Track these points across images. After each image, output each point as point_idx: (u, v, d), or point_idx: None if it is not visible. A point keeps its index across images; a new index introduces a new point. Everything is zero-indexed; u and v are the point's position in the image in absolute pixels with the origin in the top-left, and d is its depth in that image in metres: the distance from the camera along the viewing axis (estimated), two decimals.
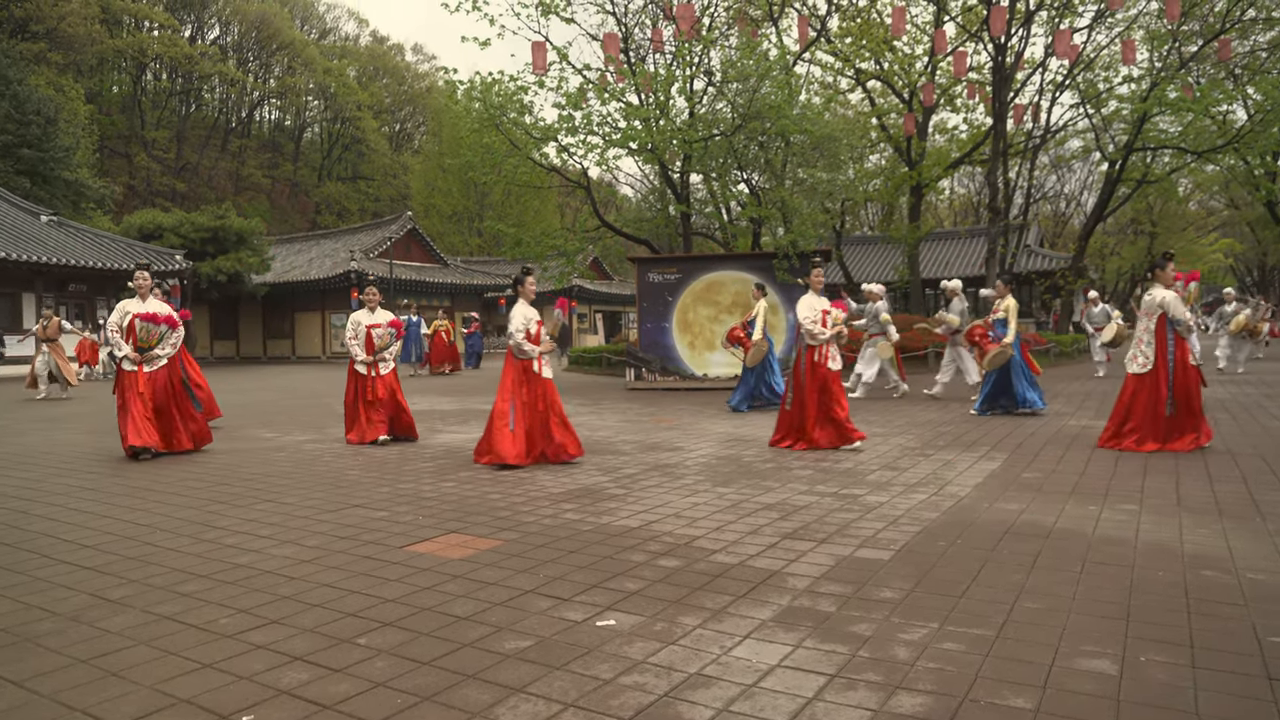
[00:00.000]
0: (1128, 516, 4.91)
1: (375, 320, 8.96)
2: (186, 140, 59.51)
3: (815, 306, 7.88)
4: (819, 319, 7.82)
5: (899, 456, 7.29)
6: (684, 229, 20.20)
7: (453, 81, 18.30)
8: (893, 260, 34.54)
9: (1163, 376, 7.22)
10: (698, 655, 2.97)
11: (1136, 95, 23.53)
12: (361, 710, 2.58)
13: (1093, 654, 2.91)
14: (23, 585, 3.92)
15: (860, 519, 4.98)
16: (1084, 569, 3.90)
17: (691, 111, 17.76)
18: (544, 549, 4.42)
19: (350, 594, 3.72)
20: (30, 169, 31.60)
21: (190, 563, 4.26)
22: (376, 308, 9.09)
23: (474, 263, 44.02)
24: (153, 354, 7.97)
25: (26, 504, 5.83)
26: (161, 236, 30.08)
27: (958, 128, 27.17)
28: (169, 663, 2.97)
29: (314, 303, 35.59)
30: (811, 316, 7.82)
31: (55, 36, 46.15)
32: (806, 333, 7.82)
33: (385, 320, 9.01)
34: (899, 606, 3.44)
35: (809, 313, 7.84)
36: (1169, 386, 7.18)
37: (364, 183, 66.34)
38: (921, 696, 2.61)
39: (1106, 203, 26.78)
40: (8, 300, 24.35)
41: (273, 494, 6.07)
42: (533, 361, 7.22)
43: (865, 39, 22.67)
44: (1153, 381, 7.27)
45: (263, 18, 60.55)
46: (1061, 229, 48.02)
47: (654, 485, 6.17)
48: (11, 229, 24.78)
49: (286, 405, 13.74)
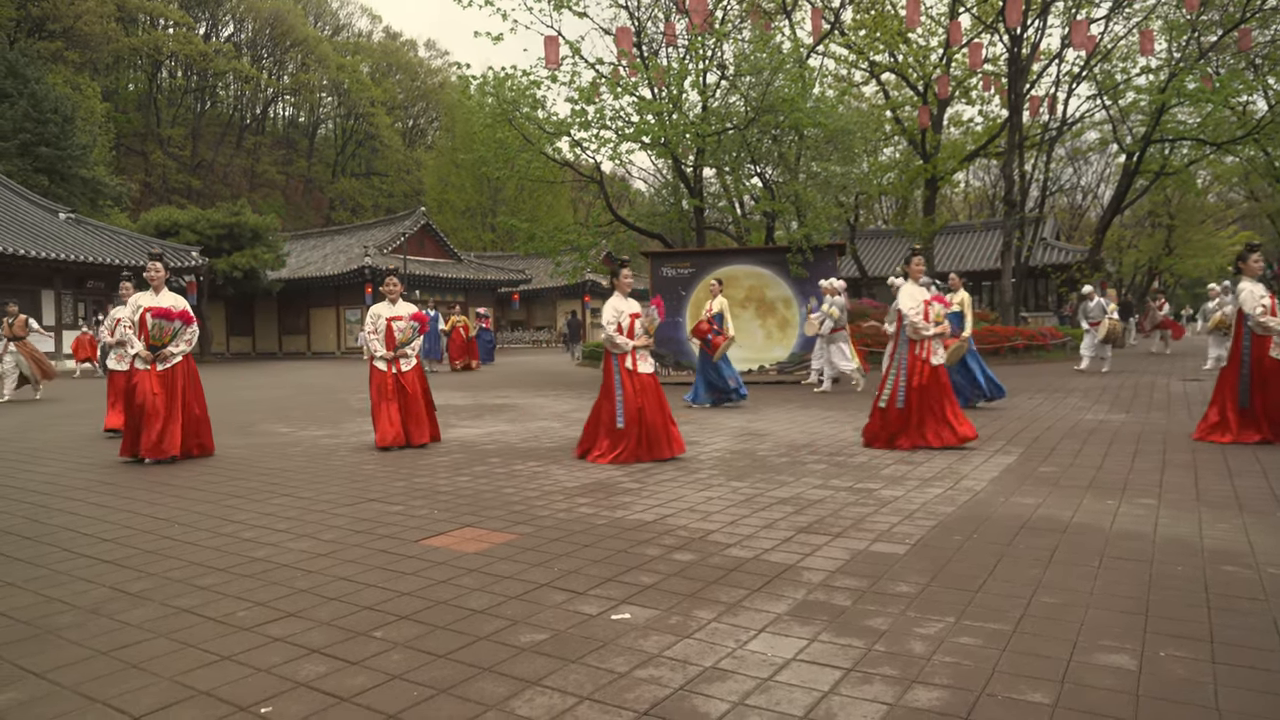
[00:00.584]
0: (1146, 511, 4.87)
1: (396, 313, 8.24)
2: (202, 137, 59.91)
3: (917, 298, 7.43)
4: (922, 310, 7.37)
5: (913, 450, 7.25)
6: (697, 223, 20.16)
7: (466, 77, 18.32)
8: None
9: (1236, 369, 7.18)
10: (713, 649, 2.97)
11: (1155, 86, 23.29)
12: (379, 703, 2.60)
13: (1111, 649, 2.89)
14: (44, 578, 3.97)
15: (875, 513, 4.97)
16: (1102, 564, 3.87)
17: (705, 105, 17.71)
18: (558, 543, 4.43)
19: (366, 587, 3.74)
20: (48, 167, 31.90)
21: (208, 556, 4.30)
22: (398, 299, 8.40)
23: (487, 258, 44.12)
24: (165, 351, 7.49)
25: (46, 498, 5.90)
26: (178, 233, 30.29)
27: (973, 120, 26.94)
28: (188, 655, 3.00)
29: (328, 298, 35.78)
30: (915, 309, 7.37)
31: (72, 35, 46.53)
32: (909, 326, 7.35)
33: (407, 313, 8.30)
34: (915, 601, 3.42)
35: (912, 304, 7.39)
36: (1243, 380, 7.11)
37: (378, 179, 66.60)
38: (938, 691, 2.60)
39: (1124, 195, 26.54)
40: (27, 297, 24.58)
41: (289, 488, 6.11)
42: (626, 356, 7.00)
43: (879, 31, 22.52)
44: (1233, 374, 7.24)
45: (276, 14, 60.83)
46: (1078, 222, 47.61)
47: (668, 479, 6.17)
48: (30, 226, 25.03)
49: (302, 400, 13.82)
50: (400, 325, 8.19)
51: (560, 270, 19.35)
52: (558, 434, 8.89)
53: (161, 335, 7.51)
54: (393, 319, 8.20)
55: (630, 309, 7.12)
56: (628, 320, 7.06)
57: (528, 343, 43.08)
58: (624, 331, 7.03)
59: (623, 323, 7.05)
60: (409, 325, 8.24)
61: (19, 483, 6.53)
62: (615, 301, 7.12)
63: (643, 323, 7.12)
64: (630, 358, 7.00)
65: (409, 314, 8.32)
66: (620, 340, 6.98)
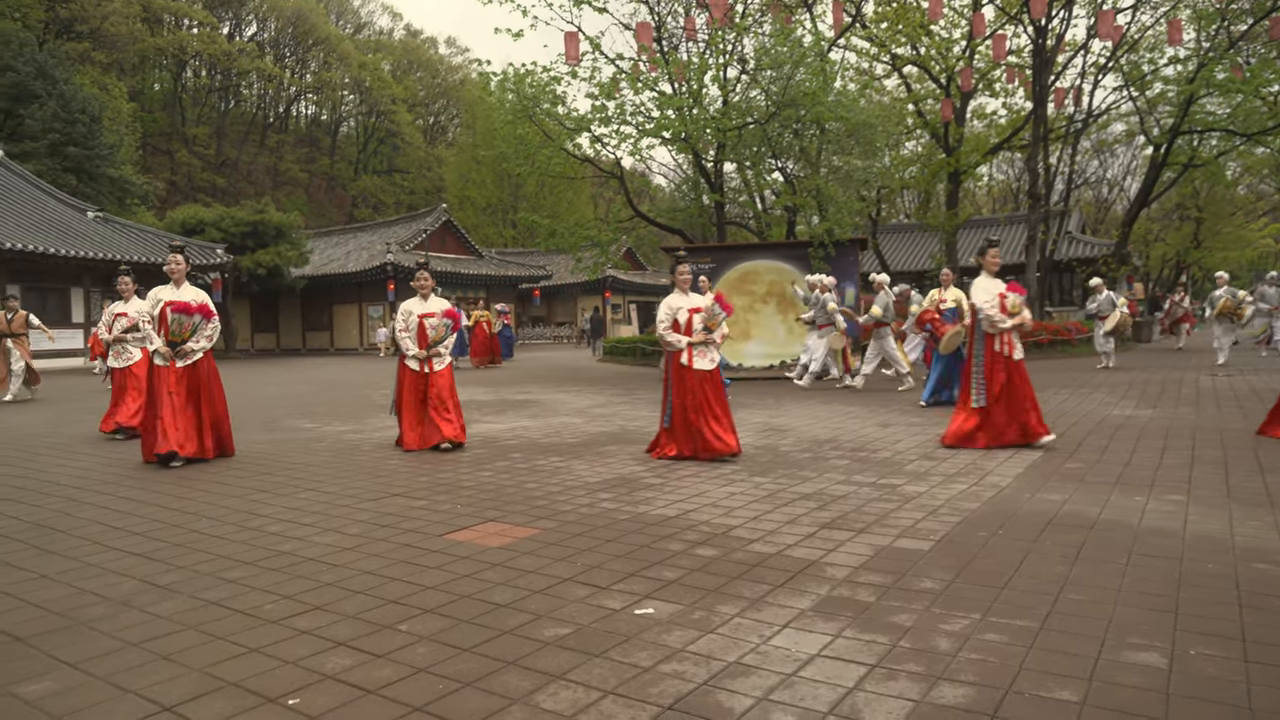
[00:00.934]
0: (1175, 507, 4.81)
1: (428, 309, 7.85)
2: (226, 136, 60.53)
3: (991, 290, 7.16)
4: (997, 303, 7.10)
5: (937, 446, 7.20)
6: (718, 218, 20.11)
7: (486, 73, 18.38)
8: (929, 248, 34.10)
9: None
10: (736, 644, 2.97)
11: (1183, 77, 22.95)
12: (404, 695, 2.62)
13: (1140, 647, 2.86)
14: (76, 571, 4.03)
15: (899, 509, 4.94)
16: (1130, 561, 3.83)
17: (725, 100, 17.65)
18: (581, 538, 4.44)
19: (391, 581, 3.77)
20: (77, 166, 32.34)
21: (235, 550, 4.35)
22: (430, 295, 7.96)
23: (508, 254, 44.26)
24: (185, 348, 7.17)
25: (78, 492, 5.99)
26: (203, 231, 30.63)
27: (996, 113, 26.75)
28: (217, 647, 3.03)
29: (351, 295, 36.05)
30: (990, 301, 7.10)
31: (99, 36, 47.13)
32: (985, 319, 7.09)
33: (440, 309, 7.88)
34: (940, 597, 3.40)
35: (986, 297, 7.11)
36: None
37: (399, 176, 66.99)
38: (964, 688, 2.58)
39: (1151, 188, 26.19)
40: (57, 295, 24.98)
41: (314, 483, 6.17)
42: (680, 353, 6.85)
43: (901, 23, 22.33)
44: None
45: (299, 13, 61.31)
46: (1104, 215, 47.03)
47: (690, 475, 6.17)
48: (60, 225, 25.40)
49: (326, 396, 13.94)
50: (433, 322, 7.78)
51: (581, 266, 19.38)
52: (579, 429, 8.91)
53: (181, 330, 7.19)
54: (425, 315, 7.80)
55: (688, 304, 6.93)
56: (685, 316, 6.88)
57: (549, 338, 43.18)
58: (679, 328, 6.87)
59: (679, 319, 6.88)
60: (441, 322, 7.82)
61: (51, 477, 6.64)
62: (671, 298, 6.97)
63: (702, 317, 6.89)
64: (686, 354, 6.83)
65: (441, 310, 7.90)
66: (672, 338, 6.83)
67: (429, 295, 7.95)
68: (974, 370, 7.16)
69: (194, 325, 7.24)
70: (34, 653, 3.01)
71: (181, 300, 7.24)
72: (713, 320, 6.92)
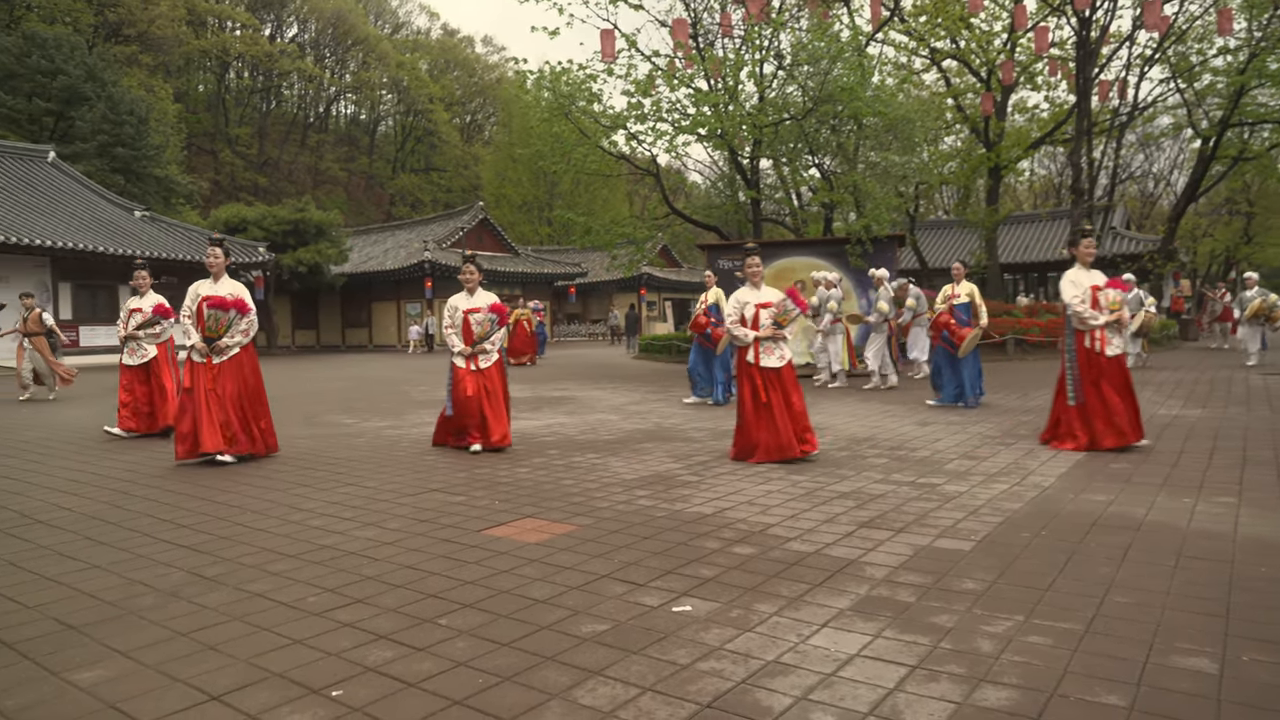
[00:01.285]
0: (1225, 509, 4.69)
1: (474, 304, 7.49)
2: (267, 136, 61.55)
3: (1081, 284, 6.74)
4: (1087, 299, 6.66)
5: (978, 445, 7.10)
6: (754, 215, 20.01)
7: (522, 72, 18.47)
8: (969, 245, 33.63)
9: None
10: (775, 643, 2.96)
11: (1233, 67, 22.35)
12: (445, 688, 2.65)
13: (1189, 651, 2.80)
14: (127, 562, 4.13)
15: (939, 508, 4.88)
16: (1178, 563, 3.74)
17: (761, 96, 17.56)
18: (618, 534, 4.45)
19: (431, 575, 3.81)
20: (124, 167, 33.11)
21: (278, 543, 4.42)
22: (476, 289, 7.60)
23: (544, 252, 44.48)
24: (221, 344, 6.97)
25: (128, 485, 6.14)
26: (245, 230, 31.19)
27: (1038, 106, 26.21)
28: (262, 638, 3.09)
29: (389, 292, 36.50)
30: (1079, 296, 6.68)
31: (146, 39, 48.19)
32: (1074, 315, 6.69)
33: (485, 304, 7.51)
34: (981, 598, 3.36)
35: (1075, 292, 6.71)
36: None
37: (436, 174, 67.61)
38: (1007, 690, 2.54)
39: (1199, 182, 25.55)
40: (106, 292, 25.62)
41: (354, 478, 6.25)
42: (748, 349, 6.64)
43: (941, 17, 22.01)
44: None
45: (339, 14, 62.13)
46: (1150, 210, 46.03)
47: (726, 472, 6.15)
48: (108, 224, 26.03)
49: (365, 392, 14.13)
50: (478, 318, 7.42)
51: (616, 264, 19.42)
52: (615, 426, 8.93)
53: (217, 326, 6.95)
54: (470, 311, 7.46)
55: (757, 299, 6.65)
56: (752, 311, 6.62)
57: (584, 336, 43.31)
58: (746, 323, 6.62)
59: (746, 314, 6.62)
60: (487, 318, 7.43)
61: (102, 470, 6.81)
62: (740, 292, 6.73)
63: (771, 313, 6.61)
64: (753, 351, 6.60)
65: (487, 305, 7.52)
66: (740, 333, 6.59)
67: (475, 290, 7.61)
68: (1068, 367, 6.84)
69: (229, 320, 7.00)
70: (87, 641, 3.10)
71: (219, 294, 7.05)
72: (784, 316, 6.66)
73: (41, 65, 33.20)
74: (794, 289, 7.00)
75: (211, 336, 6.98)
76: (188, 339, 7.04)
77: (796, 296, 6.76)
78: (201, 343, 6.97)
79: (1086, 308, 6.66)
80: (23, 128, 33.11)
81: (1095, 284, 6.75)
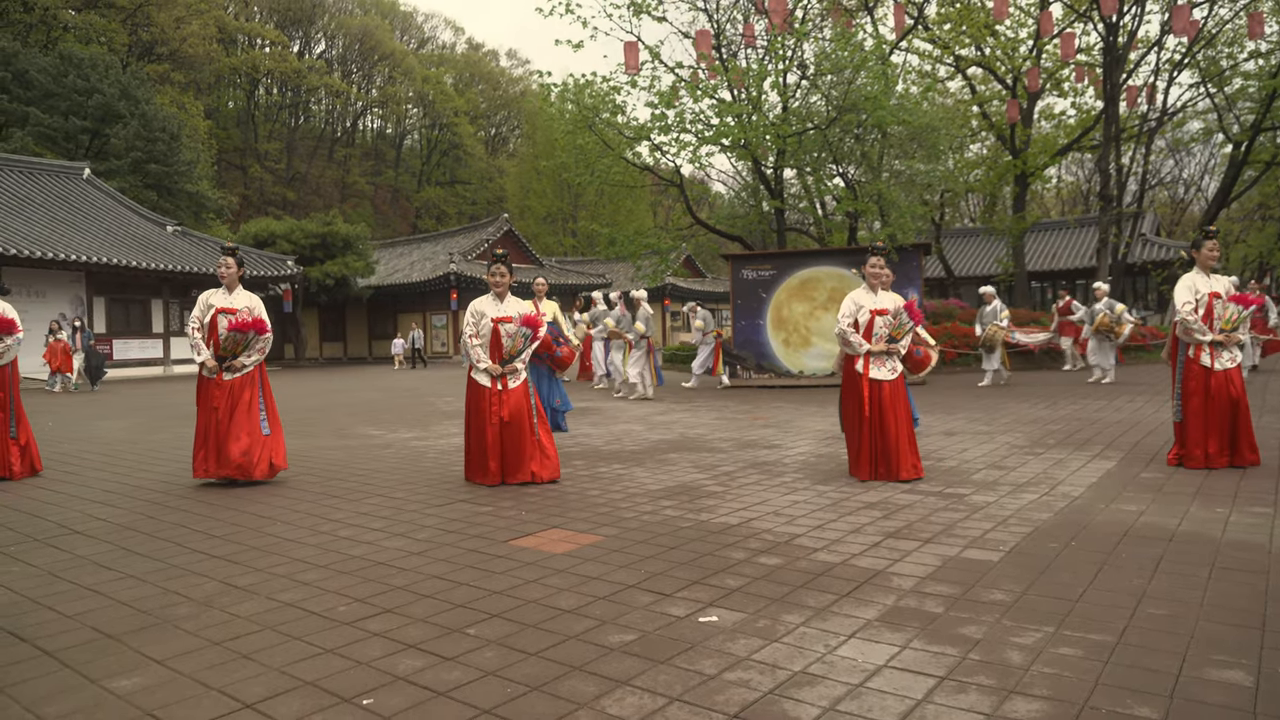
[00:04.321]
0: (1260, 520, 4.62)
1: (504, 313, 6.32)
2: (296, 151, 62.44)
3: (1198, 289, 6.08)
4: (1202, 307, 6.02)
5: (1006, 455, 7.04)
6: (778, 225, 20.00)
7: (546, 84, 18.62)
8: (996, 253, 33.37)
9: None
10: (802, 653, 2.95)
11: (1265, 71, 22.05)
12: (473, 698, 2.67)
13: (1224, 664, 2.76)
14: (162, 571, 4.20)
15: (966, 519, 4.84)
16: (1212, 574, 3.69)
17: (785, 105, 17.57)
18: (644, 545, 4.46)
19: (459, 586, 3.84)
20: (157, 183, 33.77)
21: (308, 553, 4.48)
22: (506, 294, 6.44)
23: (568, 263, 44.69)
24: (236, 363, 6.47)
25: (162, 496, 6.24)
26: (274, 243, 31.66)
27: (1065, 113, 25.95)
28: (293, 647, 3.13)
29: (415, 304, 36.82)
30: (1191, 303, 6.03)
31: (178, 58, 49.16)
32: (1180, 323, 6.07)
33: (518, 314, 6.34)
34: (1010, 609, 3.33)
35: (1188, 298, 6.05)
36: None
37: (461, 187, 68.23)
38: (1038, 702, 2.52)
39: (1231, 187, 25.19)
40: (139, 306, 26.08)
41: (382, 489, 6.32)
42: (858, 359, 6.07)
43: (965, 24, 21.95)
44: None
45: (365, 30, 63.03)
46: (1180, 216, 45.42)
47: (752, 483, 6.15)
48: (142, 239, 26.52)
49: (392, 404, 14.25)
50: (509, 329, 6.26)
51: (641, 274, 19.48)
52: (640, 437, 8.94)
53: (234, 348, 6.49)
54: (500, 320, 6.28)
55: (873, 304, 6.05)
56: (866, 316, 6.03)
57: None
58: (859, 329, 6.05)
59: (860, 319, 6.04)
60: (520, 331, 6.26)
61: (137, 481, 6.93)
62: (856, 293, 6.14)
63: (887, 321, 6.04)
64: (863, 361, 6.06)
65: (520, 315, 6.34)
66: (853, 338, 6.00)
67: (505, 295, 6.44)
68: (1176, 381, 6.30)
69: (247, 342, 6.53)
70: (124, 649, 3.15)
71: (234, 307, 6.56)
72: (898, 330, 6.09)
73: (77, 84, 33.98)
74: (912, 302, 6.34)
75: (224, 355, 6.50)
76: (197, 354, 6.56)
77: (913, 309, 6.19)
78: (214, 360, 6.49)
79: (1197, 319, 6.02)
80: (59, 145, 33.87)
81: (1215, 291, 6.09)
